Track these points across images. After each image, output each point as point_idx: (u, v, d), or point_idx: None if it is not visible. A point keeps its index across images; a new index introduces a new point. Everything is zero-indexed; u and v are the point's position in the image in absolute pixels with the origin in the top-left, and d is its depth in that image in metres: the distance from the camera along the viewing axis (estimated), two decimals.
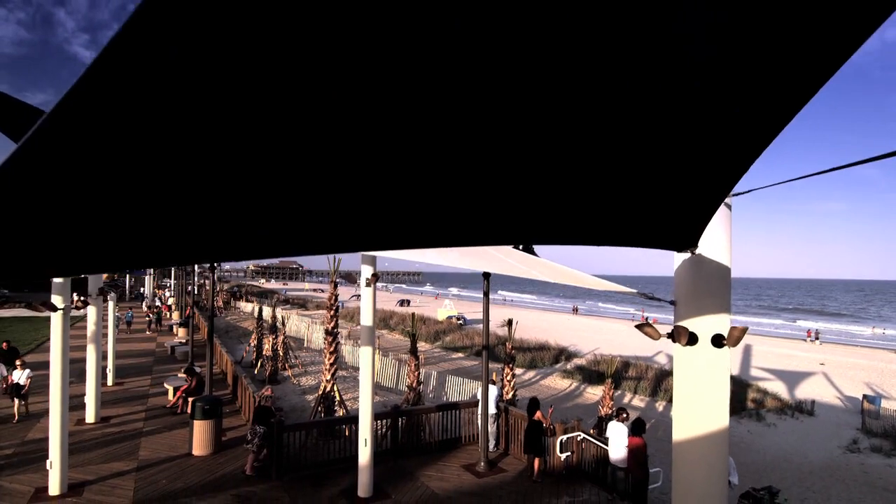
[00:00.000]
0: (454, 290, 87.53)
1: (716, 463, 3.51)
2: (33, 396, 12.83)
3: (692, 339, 3.79)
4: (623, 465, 8.49)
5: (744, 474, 9.82)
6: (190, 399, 11.92)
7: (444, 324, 35.61)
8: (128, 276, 50.60)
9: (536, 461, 9.28)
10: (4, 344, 13.11)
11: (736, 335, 3.40)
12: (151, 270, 48.75)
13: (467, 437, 11.03)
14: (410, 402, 12.29)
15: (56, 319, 8.31)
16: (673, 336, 3.98)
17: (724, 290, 3.51)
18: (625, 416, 9.03)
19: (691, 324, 3.54)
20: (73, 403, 10.24)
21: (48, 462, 8.35)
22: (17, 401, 11.89)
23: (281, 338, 18.98)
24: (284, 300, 51.44)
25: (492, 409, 10.30)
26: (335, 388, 12.35)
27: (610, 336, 35.90)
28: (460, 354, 27.02)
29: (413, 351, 12.05)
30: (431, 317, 38.47)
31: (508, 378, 12.28)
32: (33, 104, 8.34)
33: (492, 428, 10.36)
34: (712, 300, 3.51)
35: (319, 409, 12.15)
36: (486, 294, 9.53)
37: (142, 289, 51.42)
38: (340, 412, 12.23)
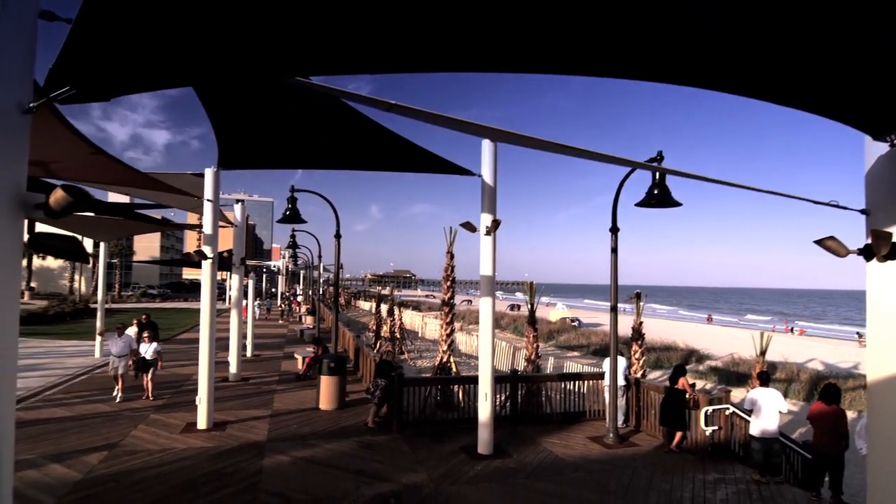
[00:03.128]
0: (560, 303, 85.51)
1: None
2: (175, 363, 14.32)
3: (894, 251, 3.00)
4: (771, 437, 7.20)
5: None
6: (316, 366, 12.59)
7: (556, 324, 34.41)
8: (263, 275, 55.90)
9: (677, 435, 8.26)
10: (144, 317, 14.14)
11: None
12: (283, 274, 53.32)
13: (592, 412, 10.22)
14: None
15: (206, 267, 9.11)
16: (866, 251, 3.19)
17: None
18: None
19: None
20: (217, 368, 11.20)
21: (197, 398, 9.16)
22: (143, 376, 11.12)
23: (398, 322, 19.45)
24: (399, 302, 53.40)
25: (621, 381, 9.43)
26: (451, 360, 12.21)
27: (750, 343, 32.05)
28: (576, 353, 25.74)
29: (532, 321, 11.53)
30: (543, 317, 37.38)
31: (637, 356, 11.24)
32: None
33: (620, 402, 9.48)
34: None
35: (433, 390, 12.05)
36: (614, 250, 8.75)
37: (273, 289, 56.67)
38: (456, 389, 12.03)
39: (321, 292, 39.39)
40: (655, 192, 7.43)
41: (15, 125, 2.63)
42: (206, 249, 9.11)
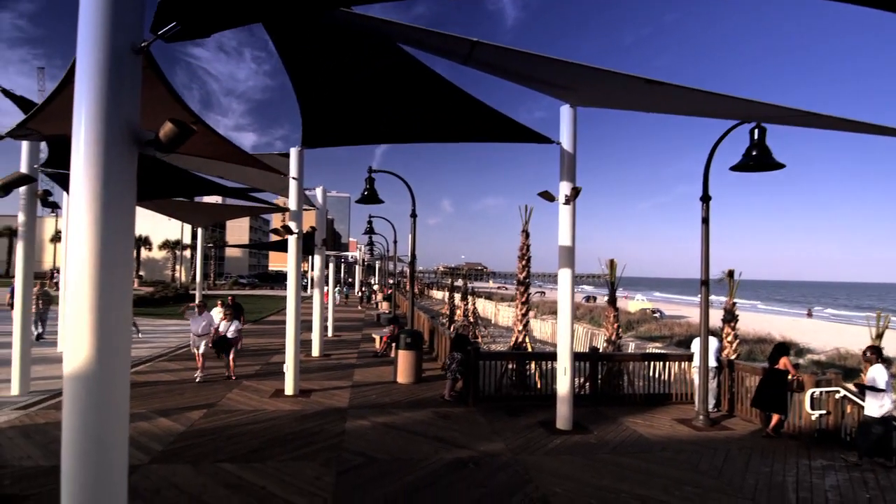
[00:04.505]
0: (639, 295, 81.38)
1: None
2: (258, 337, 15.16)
3: None
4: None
5: None
6: (393, 345, 12.90)
7: (636, 315, 32.94)
8: (342, 265, 58.15)
9: (774, 418, 7.60)
10: (230, 298, 14.99)
11: None
12: (360, 265, 55.18)
13: (679, 395, 9.66)
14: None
15: (291, 242, 9.56)
16: None
17: None
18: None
19: None
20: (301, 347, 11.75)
21: (285, 366, 9.67)
22: (224, 356, 11.00)
23: (472, 306, 19.45)
24: (472, 292, 53.51)
25: (712, 363, 8.82)
26: (527, 341, 12.01)
27: (857, 339, 28.97)
28: (657, 344, 24.46)
29: (612, 300, 11.06)
30: (622, 308, 35.93)
31: (729, 339, 10.45)
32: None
33: (712, 384, 8.87)
34: None
35: (509, 365, 11.91)
36: (705, 220, 8.16)
37: (349, 279, 58.92)
38: (531, 365, 11.82)
39: (396, 282, 40.47)
40: (754, 152, 6.81)
41: (128, 65, 2.83)
42: (292, 225, 9.55)
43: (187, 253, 71.15)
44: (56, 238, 53.40)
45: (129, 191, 2.88)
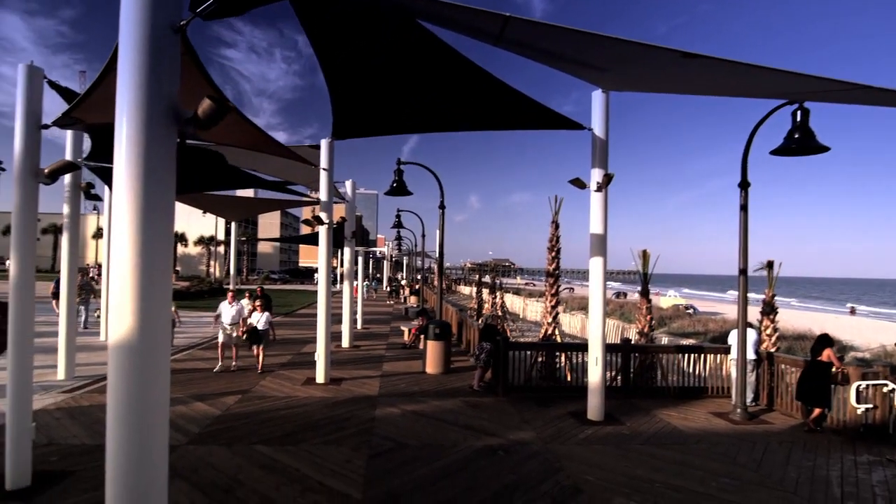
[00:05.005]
0: (672, 291, 79.18)
1: None
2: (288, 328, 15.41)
3: None
4: None
5: None
6: (422, 336, 12.94)
7: (668, 311, 32.22)
8: (370, 261, 58.70)
9: (815, 411, 7.32)
10: (259, 289, 15.12)
11: None
12: (388, 260, 55.58)
13: (715, 389, 9.40)
14: None
15: (322, 232, 9.68)
16: None
17: None
18: None
19: None
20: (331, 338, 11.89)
21: (316, 355, 9.81)
22: (255, 348, 10.63)
23: (500, 300, 19.36)
24: (500, 287, 53.34)
25: (750, 355, 8.54)
26: (556, 333, 11.89)
27: None
28: (691, 340, 23.88)
29: (645, 292, 10.84)
30: (653, 304, 35.21)
31: (768, 332, 10.11)
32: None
33: (750, 377, 8.59)
34: None
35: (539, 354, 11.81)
36: (744, 207, 7.89)
37: (378, 274, 59.43)
38: (561, 357, 11.70)
39: (423, 277, 40.71)
40: (796, 135, 6.55)
41: (168, 43, 2.90)
42: (322, 215, 9.67)
43: (221, 249, 73.01)
44: (98, 235, 55.47)
45: (169, 167, 2.94)
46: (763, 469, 5.92)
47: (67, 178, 9.50)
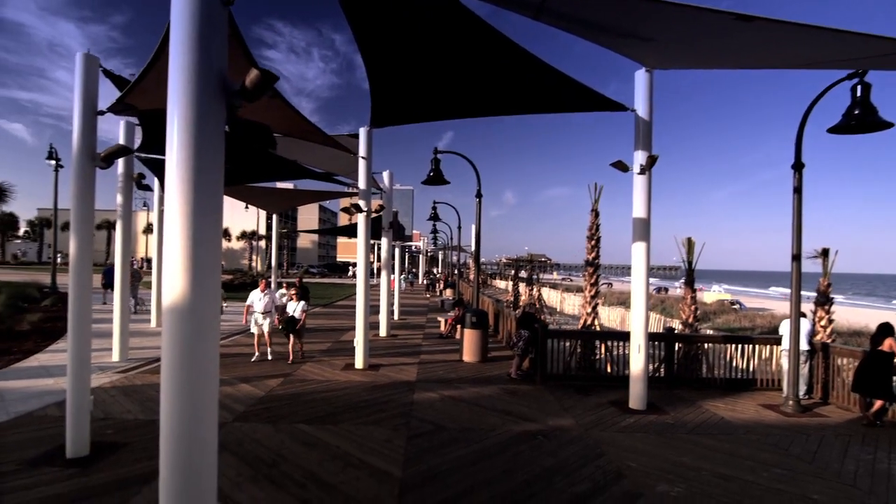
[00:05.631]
0: (716, 286, 76.13)
1: None
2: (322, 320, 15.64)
3: None
4: None
5: None
6: (458, 326, 12.97)
7: (713, 306, 31.15)
8: (406, 255, 59.13)
9: (876, 404, 6.91)
10: (297, 280, 15.37)
11: None
12: (424, 255, 55.85)
13: (765, 381, 9.02)
14: None
15: (361, 219, 9.79)
16: None
17: None
18: None
19: None
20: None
21: (355, 341, 9.95)
22: (292, 338, 10.32)
23: (537, 292, 19.15)
24: (537, 279, 52.87)
25: (804, 346, 8.15)
26: (596, 323, 11.66)
27: None
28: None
29: (689, 281, 10.48)
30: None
31: (822, 323, 9.62)
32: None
33: (803, 369, 8.20)
34: None
35: (578, 343, 11.62)
36: (797, 190, 7.51)
37: (413, 269, 59.92)
38: (601, 348, 11.47)
39: (459, 271, 40.77)
40: (856, 111, 6.17)
41: (217, 16, 2.96)
42: (361, 203, 9.78)
43: (262, 244, 75.10)
44: (148, 230, 58.00)
45: (218, 137, 3.01)
46: (818, 461, 5.64)
47: (121, 168, 9.94)
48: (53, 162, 22.32)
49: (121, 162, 9.95)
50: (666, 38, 4.90)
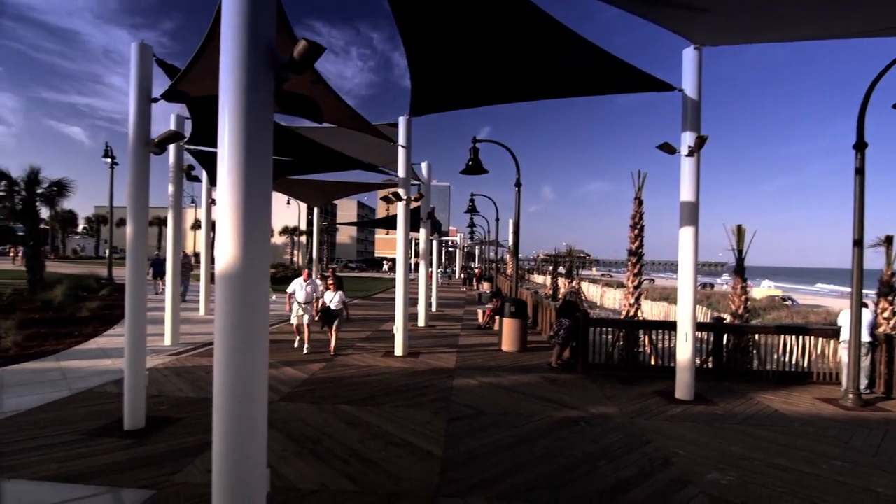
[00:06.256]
0: (766, 281, 72.67)
1: None
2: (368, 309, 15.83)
3: None
4: None
5: None
6: (497, 318, 12.90)
7: (762, 301, 29.88)
8: (443, 250, 59.33)
9: None
10: (331, 269, 15.68)
11: None
12: (460, 249, 55.85)
13: (822, 375, 8.58)
14: None
15: (400, 208, 9.87)
16: None
17: None
18: None
19: None
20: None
21: (394, 328, 10.05)
22: (329, 328, 10.02)
23: (577, 284, 18.83)
24: (577, 273, 52.07)
25: (865, 337, 7.70)
26: (639, 314, 11.37)
27: None
28: None
29: (740, 270, 10.06)
30: None
31: (885, 315, 9.06)
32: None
33: (864, 362, 7.75)
34: None
35: (621, 333, 11.36)
36: (860, 171, 7.08)
37: (450, 265, 60.11)
38: (645, 340, 11.18)
39: (496, 267, 40.58)
40: None
41: None
42: (401, 191, 9.84)
43: (303, 239, 76.94)
44: (196, 226, 60.24)
45: (267, 112, 3.07)
46: (883, 455, 5.31)
47: (172, 159, 10.33)
48: (109, 159, 23.51)
49: (172, 154, 10.35)
50: (721, 7, 4.69)
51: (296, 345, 10.43)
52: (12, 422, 5.56)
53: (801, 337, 8.79)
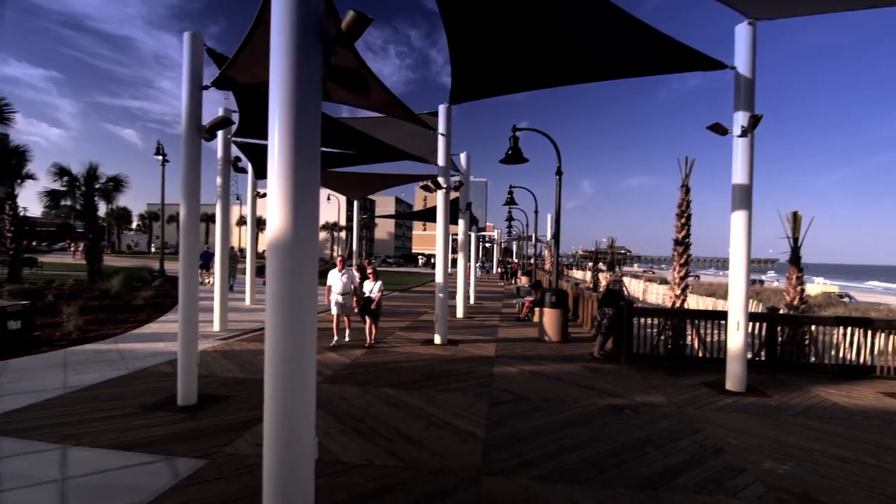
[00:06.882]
0: (820, 278, 68.88)
1: None
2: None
3: None
4: None
5: None
6: (535, 309, 12.75)
7: (818, 298, 28.48)
8: (481, 245, 59.26)
9: None
10: (367, 261, 15.72)
11: None
12: (498, 244, 55.62)
13: (887, 369, 8.10)
14: None
15: (440, 197, 9.88)
16: None
17: None
18: None
19: None
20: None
21: (434, 316, 10.08)
22: (368, 320, 9.62)
23: (620, 275, 18.41)
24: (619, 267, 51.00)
25: None
26: (685, 306, 10.99)
27: None
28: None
29: (795, 259, 9.56)
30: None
31: None
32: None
33: None
34: None
35: (667, 324, 11.02)
36: None
37: (487, 261, 60.06)
38: (692, 332, 10.80)
39: (535, 263, 40.15)
40: None
41: None
42: (441, 180, 9.85)
43: (342, 234, 78.30)
44: (241, 222, 62.24)
45: (315, 85, 3.10)
46: None
47: (220, 152, 10.68)
48: (161, 157, 24.57)
49: (220, 147, 10.70)
50: None
51: (332, 343, 9.46)
52: (76, 396, 5.89)
53: (864, 329, 8.30)
